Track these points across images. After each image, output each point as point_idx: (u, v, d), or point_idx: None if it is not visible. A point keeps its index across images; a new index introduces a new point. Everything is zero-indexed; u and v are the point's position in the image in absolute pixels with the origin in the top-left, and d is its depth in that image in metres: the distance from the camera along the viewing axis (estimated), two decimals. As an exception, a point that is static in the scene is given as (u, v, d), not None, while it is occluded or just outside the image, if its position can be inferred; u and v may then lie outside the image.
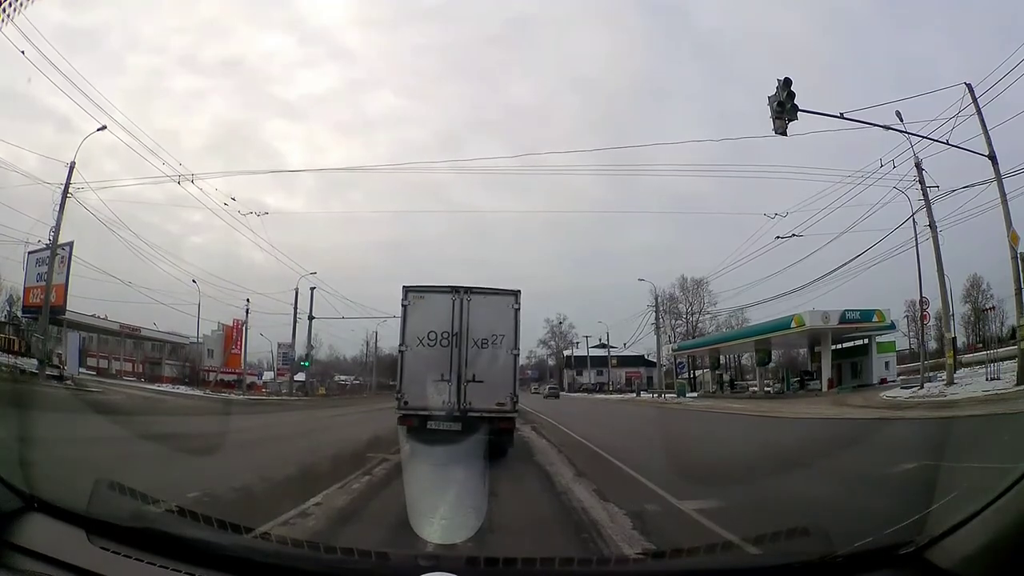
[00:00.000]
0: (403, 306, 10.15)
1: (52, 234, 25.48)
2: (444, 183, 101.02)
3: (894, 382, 29.06)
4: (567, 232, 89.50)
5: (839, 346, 35.53)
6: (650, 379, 58.67)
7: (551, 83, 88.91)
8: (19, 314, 34.30)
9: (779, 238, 27.79)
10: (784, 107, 15.34)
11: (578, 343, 67.51)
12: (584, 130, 76.42)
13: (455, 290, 10.11)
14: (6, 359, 26.39)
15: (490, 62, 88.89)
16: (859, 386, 30.69)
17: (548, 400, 43.68)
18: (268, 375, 51.78)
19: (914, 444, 10.72)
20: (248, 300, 40.83)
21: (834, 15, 71.32)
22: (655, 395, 45.60)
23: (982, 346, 35.21)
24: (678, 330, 52.75)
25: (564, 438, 14.32)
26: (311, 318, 43.07)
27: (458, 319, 9.97)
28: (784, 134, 15.50)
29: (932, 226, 21.82)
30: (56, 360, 29.17)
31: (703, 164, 58.09)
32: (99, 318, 38.70)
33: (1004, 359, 22.09)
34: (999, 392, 17.30)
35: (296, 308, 41.71)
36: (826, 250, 41.69)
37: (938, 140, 19.47)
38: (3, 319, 36.08)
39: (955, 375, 21.91)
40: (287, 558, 2.55)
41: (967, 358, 29.22)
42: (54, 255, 26.76)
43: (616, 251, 77.16)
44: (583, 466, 9.20)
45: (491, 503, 5.56)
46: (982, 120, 19.11)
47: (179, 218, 68.77)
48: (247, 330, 43.75)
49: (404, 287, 10.21)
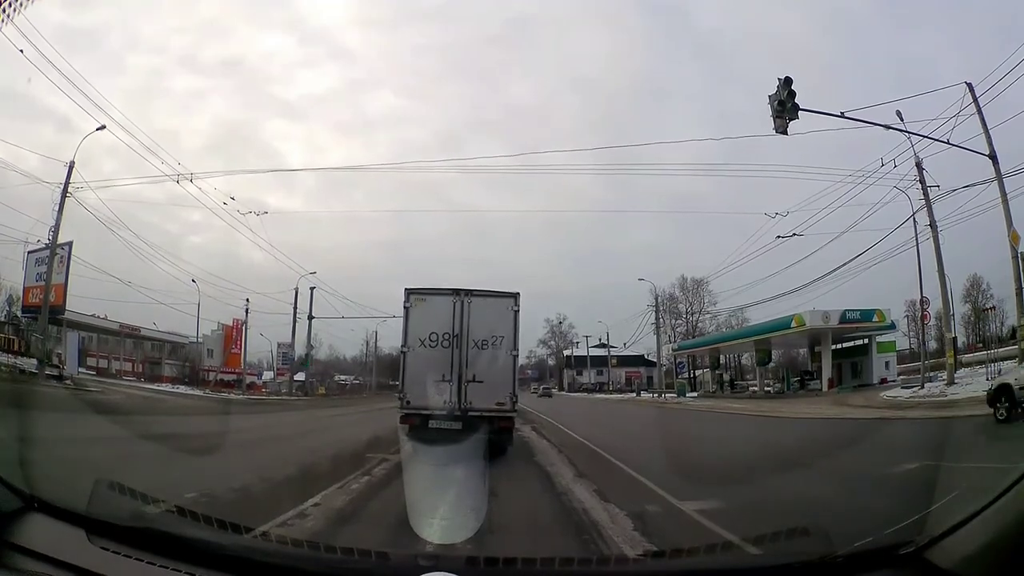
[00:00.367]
0: (405, 308, 10.31)
1: (51, 234, 25.50)
2: (444, 183, 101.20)
3: (894, 382, 29.06)
4: (567, 232, 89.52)
5: (839, 346, 35.51)
6: (650, 379, 58.67)
7: (551, 83, 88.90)
8: (19, 314, 34.26)
9: (780, 237, 27.78)
10: (785, 106, 15.34)
11: (578, 343, 67.51)
12: (584, 130, 76.43)
13: (456, 292, 10.29)
14: (6, 359, 26.40)
15: (490, 62, 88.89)
16: (859, 386, 30.68)
17: (542, 399, 44.40)
18: (268, 375, 51.77)
19: (915, 444, 10.71)
20: (248, 300, 40.94)
21: (834, 15, 71.32)
22: (655, 395, 45.60)
23: (982, 346, 35.14)
24: (678, 330, 52.80)
25: (564, 438, 14.29)
26: (311, 318, 43.12)
27: (459, 321, 10.12)
28: (785, 133, 15.50)
29: (933, 225, 21.82)
30: (56, 360, 29.16)
31: (703, 163, 58.03)
32: (99, 318, 38.65)
33: (1004, 359, 22.12)
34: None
35: (296, 308, 41.77)
36: (826, 250, 41.60)
37: (939, 139, 19.47)
38: (3, 319, 36.04)
39: (955, 375, 21.89)
40: (287, 558, 2.54)
41: (967, 358, 29.19)
42: (53, 255, 26.75)
43: (616, 251, 77.18)
44: (583, 466, 9.18)
45: (491, 503, 5.51)
46: (982, 119, 19.11)
47: (179, 218, 68.95)
48: (247, 330, 43.90)
49: (406, 289, 10.39)
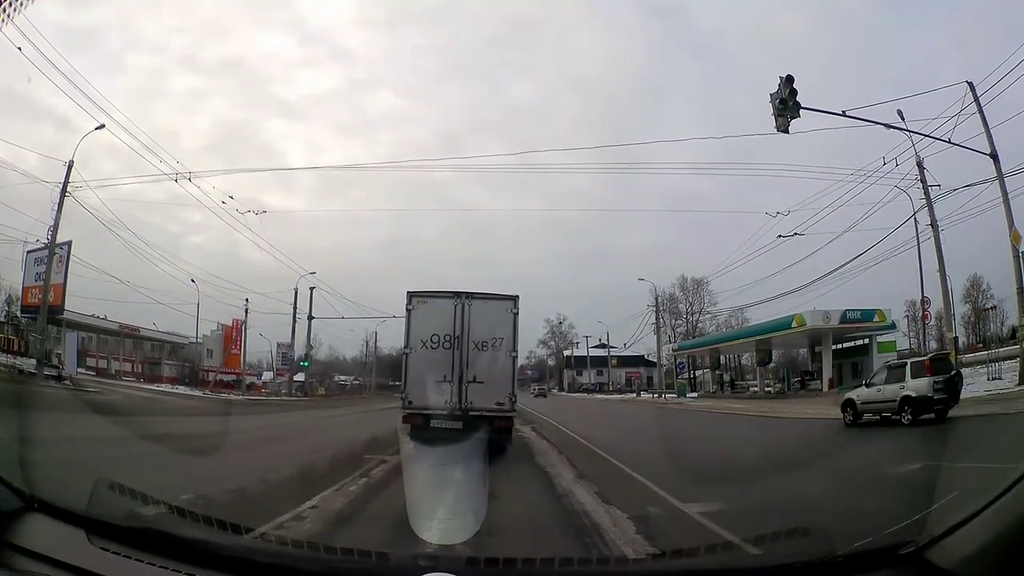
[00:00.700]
0: (407, 310, 10.59)
1: (50, 233, 25.44)
2: (444, 183, 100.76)
3: (895, 382, 28.90)
4: (567, 232, 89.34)
5: (839, 346, 35.38)
6: (650, 379, 58.55)
7: (551, 83, 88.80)
8: (18, 314, 34.18)
9: (781, 236, 27.73)
10: (786, 104, 15.29)
11: (578, 343, 67.35)
12: (584, 130, 76.24)
13: (456, 295, 10.57)
14: (5, 359, 26.33)
15: (490, 62, 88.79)
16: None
17: (538, 399, 45.45)
18: (268, 375, 51.57)
19: (917, 445, 10.64)
20: (247, 300, 40.79)
21: (834, 15, 71.35)
22: (655, 395, 45.55)
23: (982, 346, 35.14)
24: (678, 330, 52.74)
25: (564, 439, 14.25)
26: (310, 318, 43.01)
27: (459, 323, 10.38)
28: (786, 131, 15.45)
29: (934, 225, 21.75)
30: (55, 360, 29.10)
31: (704, 162, 57.88)
32: (98, 318, 38.56)
33: (1005, 359, 22.07)
34: (1001, 392, 17.28)
35: (295, 308, 41.64)
36: (826, 250, 41.46)
37: (940, 138, 19.41)
38: (2, 319, 35.96)
39: (956, 375, 21.79)
40: (287, 558, 2.55)
41: (967, 358, 29.09)
42: (52, 254, 26.67)
43: (616, 250, 77.01)
44: (584, 467, 9.13)
45: (491, 506, 5.41)
46: (983, 118, 19.06)
47: (178, 218, 68.88)
48: (246, 330, 43.71)
49: (408, 292, 10.68)
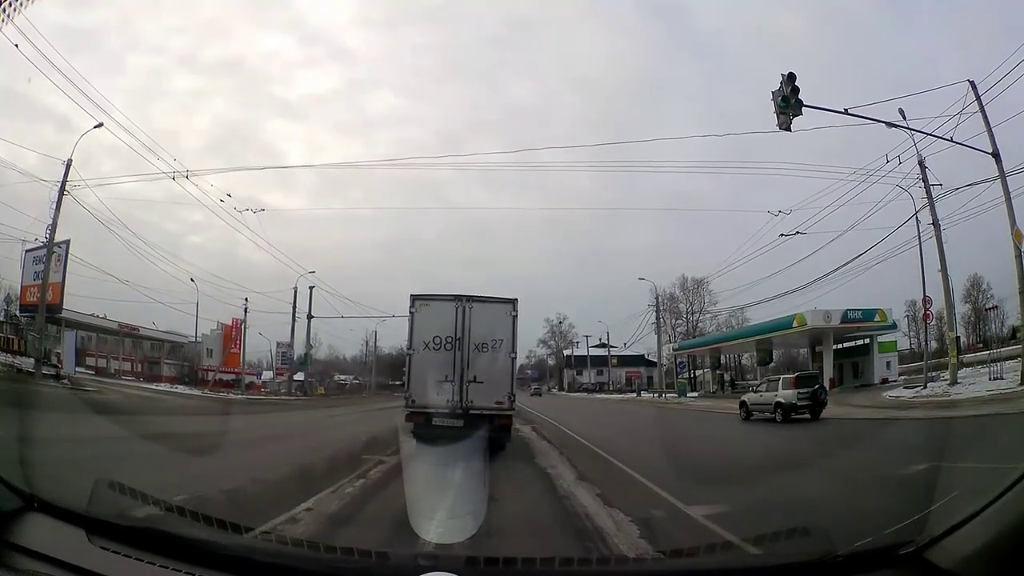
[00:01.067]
0: (411, 312, 10.97)
1: (48, 232, 25.36)
2: (443, 182, 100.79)
3: (895, 382, 28.92)
4: (567, 231, 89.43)
5: (840, 346, 35.31)
6: (650, 379, 58.55)
7: (551, 83, 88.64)
8: (17, 313, 34.10)
9: (783, 235, 27.66)
10: (788, 102, 15.22)
11: (578, 343, 67.33)
12: (584, 130, 76.02)
13: (458, 298, 10.96)
14: (3, 358, 26.26)
15: (490, 62, 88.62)
16: (861, 386, 30.55)
17: (533, 397, 46.56)
18: (267, 374, 51.57)
19: (923, 444, 10.54)
20: (247, 299, 40.76)
21: (834, 15, 71.20)
22: (656, 395, 45.49)
23: (982, 346, 35.11)
24: (678, 330, 52.63)
25: (565, 439, 14.17)
26: (310, 317, 42.99)
27: (460, 325, 10.75)
28: (788, 129, 15.39)
29: (936, 224, 21.71)
30: (54, 359, 29.02)
31: (704, 160, 57.76)
32: (98, 317, 38.48)
33: (1006, 359, 22.02)
34: (1003, 392, 17.22)
35: (295, 307, 41.63)
36: (827, 249, 41.25)
37: (942, 137, 19.35)
38: (1, 318, 35.88)
39: (957, 375, 21.76)
40: (287, 558, 2.55)
41: (968, 358, 29.12)
42: (50, 253, 26.59)
43: (616, 250, 77.08)
44: (585, 469, 9.01)
45: (491, 508, 5.33)
46: (985, 117, 19.01)
47: (178, 217, 68.74)
48: (246, 329, 43.68)
49: (412, 295, 11.06)
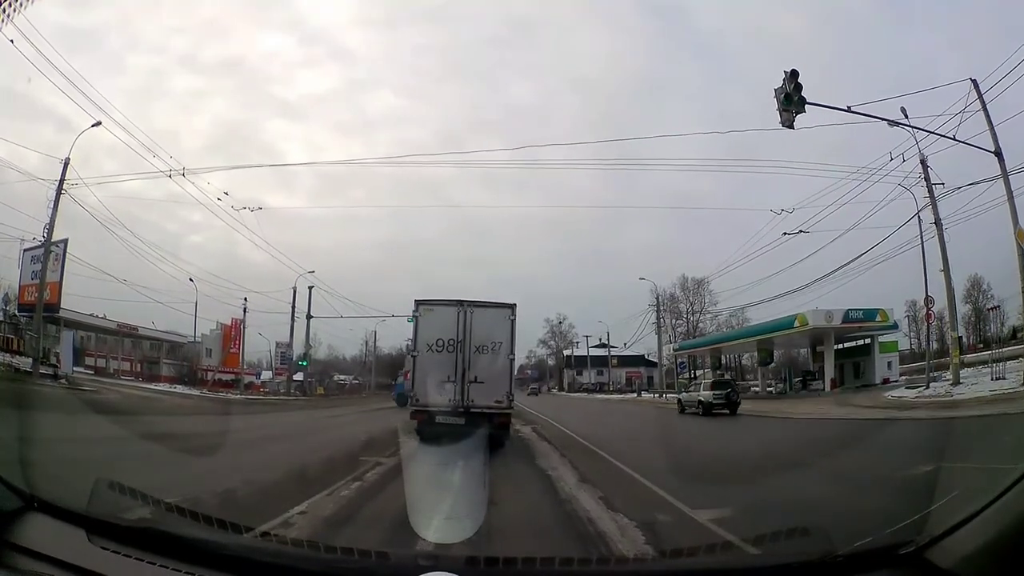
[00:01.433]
0: (415, 316, 11.71)
1: (46, 231, 25.29)
2: (443, 183, 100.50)
3: (897, 382, 28.84)
4: (567, 231, 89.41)
5: (841, 346, 35.28)
6: (651, 379, 58.43)
7: (551, 83, 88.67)
8: (15, 312, 33.98)
9: (786, 234, 27.63)
10: (791, 99, 15.15)
11: (578, 343, 67.22)
12: (584, 130, 76.48)
13: (460, 303, 11.60)
14: (1, 358, 26.16)
15: (490, 62, 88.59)
16: (862, 386, 30.48)
17: (530, 396, 47.90)
18: (267, 374, 51.48)
19: (925, 445, 10.44)
20: (246, 299, 40.62)
21: (834, 15, 71.23)
22: (656, 395, 45.38)
23: (983, 346, 35.05)
24: (679, 330, 52.59)
25: (566, 440, 14.07)
26: (309, 317, 42.83)
27: (462, 328, 11.38)
28: (791, 127, 15.33)
29: (938, 223, 21.62)
30: (52, 359, 28.92)
31: (705, 160, 57.69)
32: (96, 317, 38.35)
33: (1008, 359, 21.93)
34: (1006, 392, 17.14)
35: (294, 307, 41.48)
36: (828, 249, 41.19)
37: (944, 135, 19.24)
38: (0, 318, 35.78)
39: (959, 375, 21.67)
40: (287, 557, 2.56)
41: (969, 358, 29.02)
42: (48, 252, 26.52)
43: (616, 250, 77.13)
44: (587, 470, 8.89)
45: (491, 511, 5.20)
46: (987, 115, 18.91)
47: (178, 216, 68.26)
48: (245, 329, 43.57)
49: (416, 300, 11.81)
